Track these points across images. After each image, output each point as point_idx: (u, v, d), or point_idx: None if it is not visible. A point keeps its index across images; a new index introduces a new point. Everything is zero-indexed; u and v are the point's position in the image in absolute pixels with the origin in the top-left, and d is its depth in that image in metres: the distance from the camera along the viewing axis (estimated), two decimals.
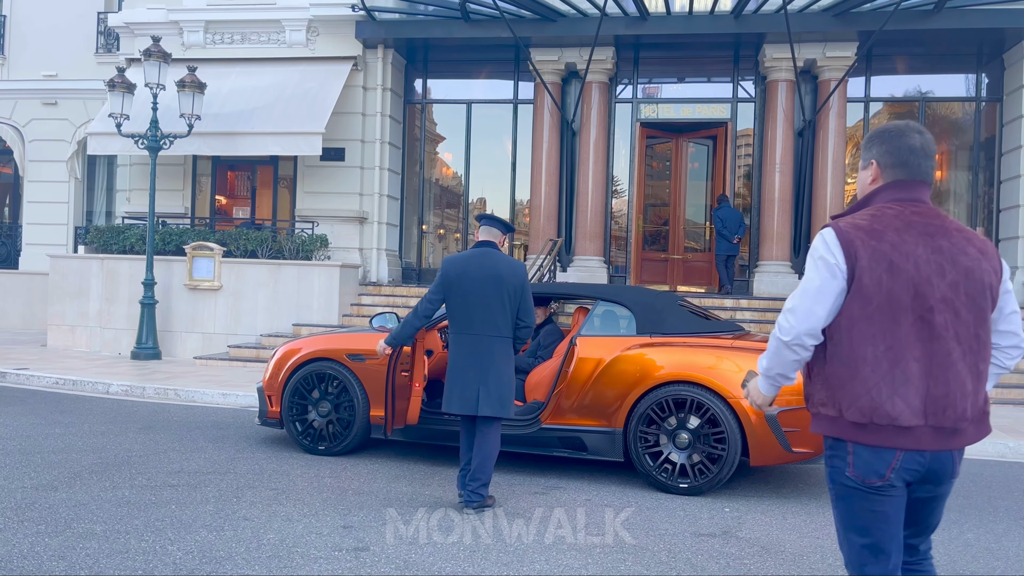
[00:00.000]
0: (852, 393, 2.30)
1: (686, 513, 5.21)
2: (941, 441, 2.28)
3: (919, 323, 2.28)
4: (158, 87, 12.27)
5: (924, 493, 2.37)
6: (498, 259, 5.10)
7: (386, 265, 14.48)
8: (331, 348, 6.68)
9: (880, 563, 2.34)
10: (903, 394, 2.26)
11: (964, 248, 2.33)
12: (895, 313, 2.28)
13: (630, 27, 13.23)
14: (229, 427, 7.78)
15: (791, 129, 13.64)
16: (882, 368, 2.27)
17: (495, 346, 5.01)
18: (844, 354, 2.32)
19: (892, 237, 2.30)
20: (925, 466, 2.30)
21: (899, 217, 2.35)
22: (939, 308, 2.28)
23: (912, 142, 2.41)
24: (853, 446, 2.32)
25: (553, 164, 14.28)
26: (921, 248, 2.30)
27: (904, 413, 2.25)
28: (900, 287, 2.28)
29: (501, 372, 5.01)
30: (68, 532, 4.41)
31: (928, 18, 12.33)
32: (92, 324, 13.39)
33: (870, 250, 2.29)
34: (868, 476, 2.30)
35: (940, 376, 2.27)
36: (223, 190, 15.75)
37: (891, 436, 2.27)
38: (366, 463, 6.32)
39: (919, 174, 2.41)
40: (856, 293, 2.30)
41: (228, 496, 5.24)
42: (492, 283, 5.01)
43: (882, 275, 2.28)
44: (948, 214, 2.47)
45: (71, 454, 6.33)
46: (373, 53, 14.37)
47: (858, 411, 2.28)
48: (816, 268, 2.35)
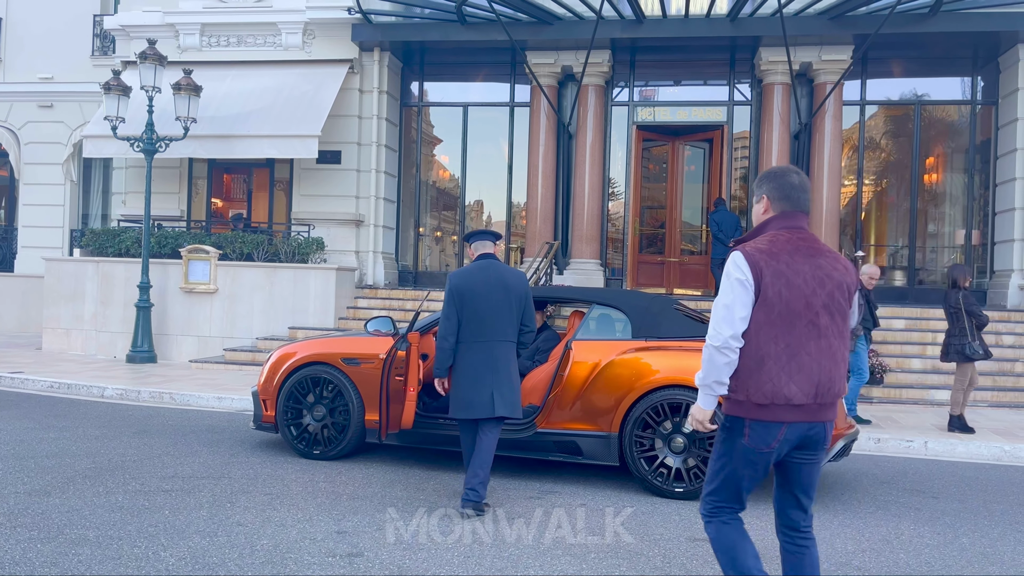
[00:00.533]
0: (758, 381, 2.91)
1: (681, 517, 5.20)
2: (823, 414, 2.98)
3: (809, 325, 2.94)
4: (154, 90, 12.25)
5: (803, 458, 3.03)
6: (502, 269, 5.39)
7: (382, 268, 14.47)
8: (326, 352, 6.66)
9: (722, 501, 3.08)
10: (798, 380, 2.91)
11: (835, 265, 3.02)
12: (791, 318, 2.92)
13: (626, 30, 13.24)
14: (224, 431, 7.76)
15: (787, 132, 13.65)
16: (782, 361, 2.91)
17: (505, 351, 5.25)
18: (752, 351, 2.93)
19: (786, 259, 2.95)
20: (804, 435, 2.96)
21: (789, 242, 2.99)
22: (822, 313, 2.96)
23: (793, 180, 3.09)
24: (751, 422, 2.94)
25: (549, 167, 14.29)
26: (807, 267, 2.96)
27: (798, 395, 2.90)
28: (794, 298, 2.92)
29: (512, 375, 5.26)
30: (61, 538, 4.39)
31: (924, 21, 12.35)
32: (87, 327, 13.35)
33: (772, 269, 2.93)
34: (760, 445, 2.95)
35: (825, 365, 2.95)
36: (219, 193, 15.72)
37: (786, 412, 2.91)
38: (361, 468, 6.31)
39: (800, 206, 3.09)
40: (761, 303, 2.93)
41: (222, 501, 5.22)
42: (500, 291, 5.26)
43: (781, 289, 2.92)
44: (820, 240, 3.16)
45: (65, 459, 6.31)
46: (369, 56, 14.36)
47: (763, 395, 2.90)
48: (732, 285, 2.95)
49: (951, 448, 7.85)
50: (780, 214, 3.08)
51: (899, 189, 14.46)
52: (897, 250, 14.51)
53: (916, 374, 10.85)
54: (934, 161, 14.48)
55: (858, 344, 8.78)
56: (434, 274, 15.56)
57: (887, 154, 14.66)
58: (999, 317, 11.95)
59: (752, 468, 3.00)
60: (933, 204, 14.47)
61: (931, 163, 14.46)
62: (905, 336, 11.68)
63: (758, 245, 3.00)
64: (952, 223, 14.30)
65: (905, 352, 11.25)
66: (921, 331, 11.82)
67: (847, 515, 5.42)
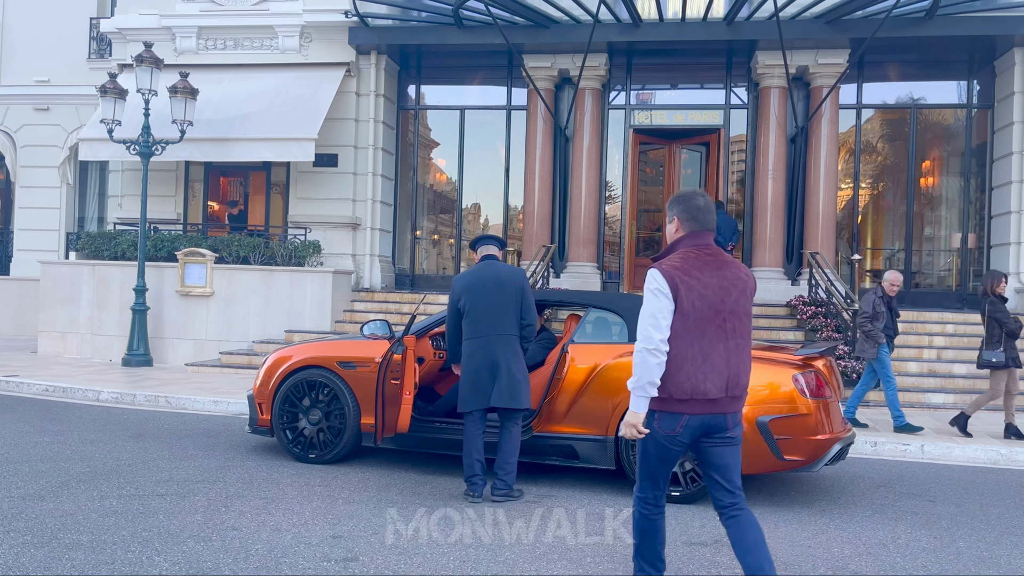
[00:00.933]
0: (679, 381, 3.34)
1: (677, 522, 5.18)
2: (733, 406, 3.44)
3: (719, 330, 3.38)
4: (150, 93, 12.24)
5: (712, 442, 3.46)
6: (499, 267, 5.69)
7: (379, 271, 14.45)
8: (322, 355, 6.65)
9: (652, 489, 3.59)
10: (712, 378, 3.36)
11: (737, 274, 3.46)
12: (703, 325, 3.36)
13: (623, 34, 13.25)
14: (220, 435, 7.74)
15: (784, 135, 13.66)
16: (698, 362, 3.35)
17: (502, 344, 5.49)
18: (673, 355, 3.35)
19: (696, 273, 3.38)
20: (707, 423, 3.40)
21: (698, 258, 3.43)
22: (729, 318, 3.40)
23: (699, 203, 3.52)
24: (661, 414, 3.40)
25: (546, 170, 14.28)
26: (714, 279, 3.40)
27: (712, 391, 3.36)
28: (705, 307, 3.36)
29: (511, 366, 5.47)
30: (54, 543, 4.37)
31: (920, 25, 12.38)
32: (83, 330, 13.32)
33: (685, 284, 3.35)
34: (669, 433, 3.42)
35: (733, 363, 3.41)
36: (216, 196, 15.70)
37: (697, 406, 3.36)
38: (357, 472, 6.29)
39: (706, 225, 3.52)
40: (678, 313, 3.35)
41: (217, 505, 5.20)
42: (496, 288, 5.55)
43: (694, 300, 3.35)
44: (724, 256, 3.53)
45: (59, 463, 6.28)
46: (366, 59, 14.36)
47: (683, 391, 3.35)
48: (655, 296, 3.37)
49: (948, 452, 7.85)
50: (689, 233, 3.52)
51: (895, 193, 14.49)
52: (893, 253, 14.53)
53: (912, 377, 10.85)
54: (930, 165, 14.50)
55: (880, 351, 8.62)
56: (431, 277, 15.55)
57: (883, 157, 14.69)
58: None
59: (664, 453, 3.49)
60: (929, 207, 14.50)
61: (927, 167, 14.49)
62: (901, 339, 11.60)
63: (672, 263, 3.42)
64: (948, 226, 14.32)
65: (901, 355, 11.24)
66: (917, 334, 11.83)
67: (843, 519, 5.42)
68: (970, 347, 11.53)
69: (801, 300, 12.04)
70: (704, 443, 3.46)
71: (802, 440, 5.57)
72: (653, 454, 3.50)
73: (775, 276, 13.47)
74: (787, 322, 12.07)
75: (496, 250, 5.82)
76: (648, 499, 3.61)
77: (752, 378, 5.57)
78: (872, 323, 8.51)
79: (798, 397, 5.58)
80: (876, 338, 8.51)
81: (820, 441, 5.59)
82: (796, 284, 13.34)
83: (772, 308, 12.58)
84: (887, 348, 8.72)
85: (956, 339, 11.69)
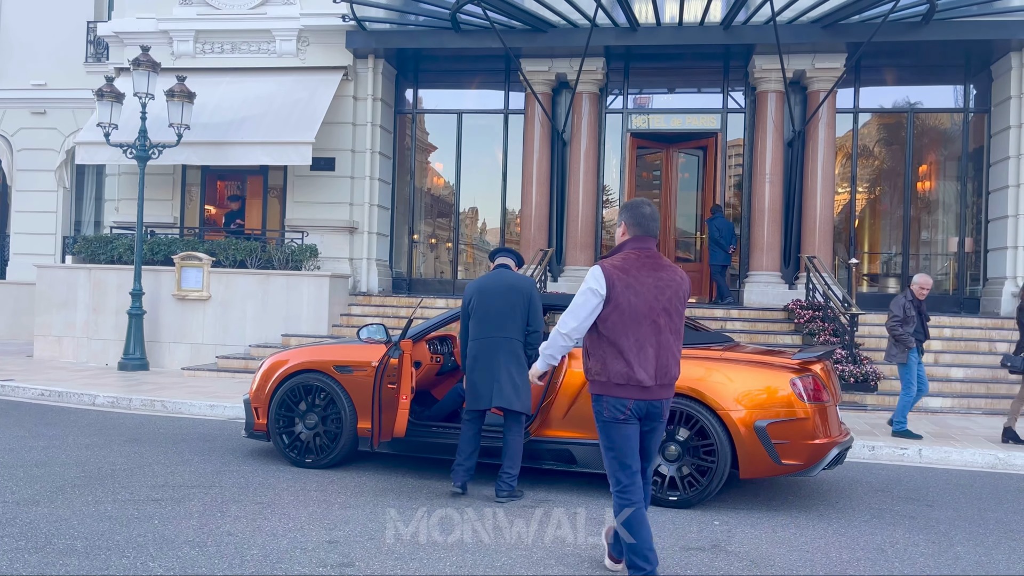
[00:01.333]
0: (616, 367, 3.78)
1: (675, 526, 5.17)
2: (662, 393, 3.86)
3: (652, 325, 3.80)
4: (147, 96, 12.22)
5: (646, 427, 3.91)
6: (508, 275, 5.88)
7: (376, 275, 14.43)
8: (318, 360, 6.62)
9: (627, 470, 3.84)
10: (645, 367, 3.78)
11: (672, 276, 3.88)
12: (638, 319, 3.78)
13: (620, 38, 13.27)
14: (216, 439, 7.71)
15: (781, 140, 13.67)
16: (633, 352, 3.77)
17: (503, 347, 5.64)
18: (613, 345, 3.78)
19: (635, 273, 3.81)
20: (647, 408, 3.84)
21: (638, 259, 3.85)
22: (661, 315, 3.82)
23: (645, 211, 3.93)
24: (607, 397, 3.81)
25: (544, 174, 14.28)
26: (651, 279, 3.82)
27: (645, 379, 3.78)
28: (640, 303, 3.78)
29: (511, 370, 5.62)
30: (48, 548, 4.34)
31: (916, 30, 12.40)
32: (79, 335, 13.28)
33: (623, 282, 3.78)
34: (616, 414, 3.81)
35: (663, 355, 3.84)
36: (213, 200, 15.68)
37: (634, 391, 3.79)
38: (353, 476, 6.26)
39: (649, 231, 3.92)
40: (615, 308, 3.77)
41: (212, 511, 5.18)
42: (502, 293, 5.74)
43: (630, 297, 3.77)
44: (663, 257, 3.98)
45: (54, 468, 6.25)
46: (364, 63, 14.36)
47: (620, 377, 3.77)
48: (586, 292, 3.80)
49: (946, 456, 7.84)
50: (634, 237, 3.92)
51: (892, 196, 14.50)
52: (890, 257, 14.54)
53: None
54: (927, 169, 14.52)
55: (911, 356, 8.49)
56: (428, 281, 15.53)
57: (880, 162, 14.71)
58: (992, 324, 11.98)
59: (623, 431, 3.84)
60: (926, 211, 14.51)
61: (924, 171, 14.51)
62: None
63: (614, 262, 3.85)
64: (945, 230, 14.34)
65: None
66: None
67: (841, 523, 5.40)
68: (968, 351, 11.55)
69: (799, 304, 12.03)
70: (643, 426, 3.90)
71: (800, 444, 5.55)
72: (615, 435, 3.84)
73: (772, 280, 13.47)
74: (785, 326, 12.06)
75: (511, 262, 6.03)
76: (626, 486, 3.84)
77: (749, 382, 5.68)
78: (902, 327, 8.41)
79: (796, 401, 5.56)
80: (906, 342, 8.39)
81: (818, 445, 5.57)
82: (793, 288, 13.34)
83: (770, 312, 12.57)
84: (917, 353, 8.60)
85: (954, 343, 11.68)
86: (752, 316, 12.43)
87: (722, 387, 5.65)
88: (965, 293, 13.73)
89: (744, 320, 12.26)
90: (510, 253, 6.11)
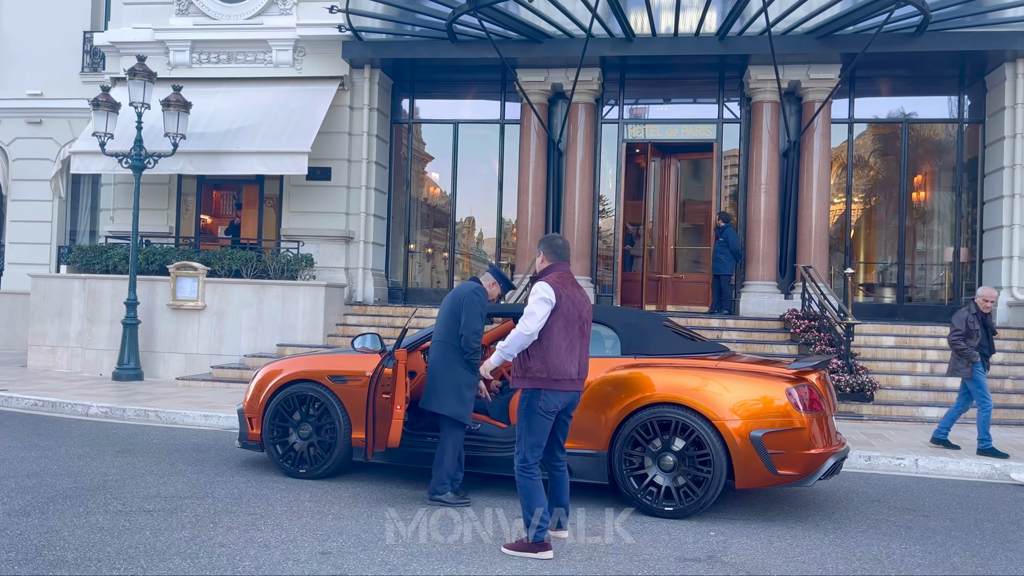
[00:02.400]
0: (553, 364, 4.70)
1: (671, 537, 5.14)
2: (581, 386, 4.86)
3: (578, 330, 4.83)
4: (143, 106, 12.22)
5: (564, 416, 4.89)
6: (462, 286, 6.06)
7: (372, 285, 14.40)
8: (312, 370, 6.60)
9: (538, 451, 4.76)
10: (573, 364, 4.77)
11: (584, 293, 4.98)
12: (571, 325, 4.78)
13: (616, 48, 13.30)
14: (210, 450, 7.67)
15: (776, 150, 13.70)
16: (566, 351, 4.74)
17: (436, 351, 5.89)
18: (552, 345, 4.71)
19: (567, 288, 4.84)
20: (570, 400, 4.81)
21: (566, 279, 4.89)
22: (584, 323, 4.88)
23: (559, 243, 5.02)
24: (545, 392, 4.70)
25: (540, 184, 14.28)
26: (576, 294, 4.87)
27: (572, 374, 4.77)
28: (573, 312, 4.80)
29: (435, 372, 5.85)
30: (38, 559, 4.29)
31: (911, 41, 12.45)
32: (73, 344, 13.22)
33: (564, 294, 4.78)
34: (550, 407, 4.72)
35: (583, 354, 4.87)
36: (208, 209, 15.66)
37: (567, 384, 4.74)
38: (347, 487, 6.22)
39: (564, 257, 5.00)
40: (559, 314, 4.73)
41: (204, 522, 5.14)
42: (446, 301, 5.99)
43: (569, 306, 4.78)
44: None
45: (45, 478, 6.20)
46: (360, 73, 14.37)
47: (559, 373, 4.71)
48: (540, 301, 4.72)
49: (942, 466, 7.82)
50: (555, 263, 4.96)
51: (888, 207, 14.53)
52: (886, 267, 14.55)
53: (906, 391, 10.83)
54: (922, 179, 14.56)
55: (975, 370, 8.29)
56: (424, 291, 15.50)
57: (875, 172, 14.74)
58: None
59: (546, 423, 4.74)
60: (921, 222, 14.54)
61: (919, 181, 14.54)
62: (895, 353, 11.68)
63: (552, 280, 4.82)
64: (941, 240, 14.36)
65: (895, 369, 11.24)
66: (911, 348, 11.83)
67: (837, 534, 5.37)
68: None
69: (795, 314, 12.03)
70: (561, 415, 4.84)
71: (796, 454, 5.53)
72: (540, 426, 4.72)
73: (768, 290, 13.47)
74: (781, 336, 12.06)
75: (491, 279, 6.07)
76: (535, 463, 4.72)
77: (745, 392, 5.67)
78: (965, 341, 8.24)
79: (792, 411, 5.54)
80: (970, 356, 8.23)
81: (814, 455, 5.55)
82: (789, 298, 13.33)
83: (765, 322, 12.56)
84: (982, 367, 8.39)
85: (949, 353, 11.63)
86: (748, 326, 12.42)
87: (718, 397, 5.63)
88: (960, 303, 13.71)
89: (740, 330, 12.25)
90: (497, 275, 6.14)
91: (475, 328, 5.77)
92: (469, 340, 5.72)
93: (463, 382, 5.77)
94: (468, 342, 5.73)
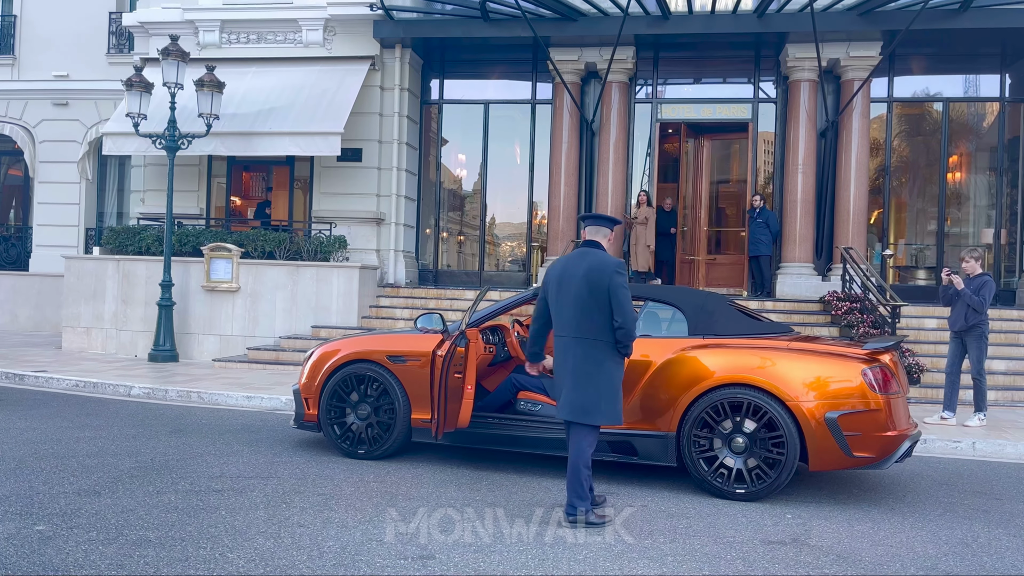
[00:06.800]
0: None
1: (748, 520, 5.05)
2: None
3: None
4: (176, 86, 12.12)
5: None
6: (589, 257, 4.88)
7: (403, 267, 14.32)
8: (371, 349, 6.52)
9: None
10: None
11: None
12: None
13: (651, 26, 13.10)
14: (260, 431, 7.63)
15: (814, 130, 13.50)
16: None
17: (575, 348, 4.81)
18: None
19: None
20: None
21: None
22: None
23: None
24: None
25: (572, 165, 14.14)
26: None
27: None
28: None
29: (578, 375, 4.79)
30: (121, 539, 4.25)
31: (953, 18, 12.21)
32: (108, 326, 13.22)
33: None
34: None
35: None
36: (238, 191, 15.59)
37: None
38: (409, 468, 6.16)
39: None
40: None
41: (276, 502, 5.09)
42: (575, 282, 4.82)
43: None
44: None
45: (106, 458, 6.17)
46: (391, 53, 14.22)
47: None
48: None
49: (1000, 449, 7.71)
50: None
51: (926, 187, 14.32)
52: (922, 249, 14.36)
53: None
54: (961, 159, 14.33)
55: None
56: (454, 272, 15.42)
57: (913, 152, 14.51)
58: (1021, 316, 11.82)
59: None
60: (960, 203, 14.33)
61: (957, 161, 14.31)
62: (938, 336, 11.53)
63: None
64: (979, 222, 14.16)
65: (939, 352, 11.09)
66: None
67: (916, 517, 5.28)
68: (1007, 343, 11.39)
69: (835, 296, 11.88)
70: None
71: (872, 436, 5.43)
72: None
73: (805, 272, 13.31)
74: (821, 318, 11.92)
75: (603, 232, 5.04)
76: None
77: (819, 372, 5.56)
78: None
79: (868, 392, 5.43)
80: None
81: (890, 438, 5.45)
82: (826, 280, 13.17)
83: (804, 304, 12.43)
84: None
85: (992, 335, 11.43)
86: (787, 308, 12.28)
87: (791, 377, 5.52)
88: (1000, 285, 13.54)
89: (780, 312, 12.11)
90: (601, 220, 5.08)
91: (633, 315, 4.86)
92: (630, 332, 4.77)
93: (617, 382, 4.86)
94: (629, 334, 4.77)
